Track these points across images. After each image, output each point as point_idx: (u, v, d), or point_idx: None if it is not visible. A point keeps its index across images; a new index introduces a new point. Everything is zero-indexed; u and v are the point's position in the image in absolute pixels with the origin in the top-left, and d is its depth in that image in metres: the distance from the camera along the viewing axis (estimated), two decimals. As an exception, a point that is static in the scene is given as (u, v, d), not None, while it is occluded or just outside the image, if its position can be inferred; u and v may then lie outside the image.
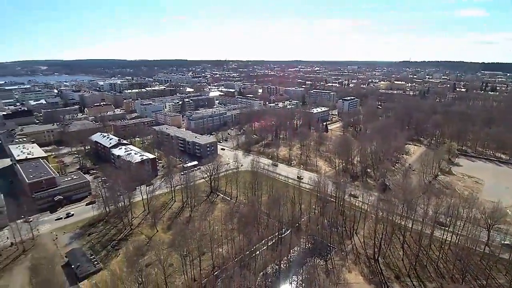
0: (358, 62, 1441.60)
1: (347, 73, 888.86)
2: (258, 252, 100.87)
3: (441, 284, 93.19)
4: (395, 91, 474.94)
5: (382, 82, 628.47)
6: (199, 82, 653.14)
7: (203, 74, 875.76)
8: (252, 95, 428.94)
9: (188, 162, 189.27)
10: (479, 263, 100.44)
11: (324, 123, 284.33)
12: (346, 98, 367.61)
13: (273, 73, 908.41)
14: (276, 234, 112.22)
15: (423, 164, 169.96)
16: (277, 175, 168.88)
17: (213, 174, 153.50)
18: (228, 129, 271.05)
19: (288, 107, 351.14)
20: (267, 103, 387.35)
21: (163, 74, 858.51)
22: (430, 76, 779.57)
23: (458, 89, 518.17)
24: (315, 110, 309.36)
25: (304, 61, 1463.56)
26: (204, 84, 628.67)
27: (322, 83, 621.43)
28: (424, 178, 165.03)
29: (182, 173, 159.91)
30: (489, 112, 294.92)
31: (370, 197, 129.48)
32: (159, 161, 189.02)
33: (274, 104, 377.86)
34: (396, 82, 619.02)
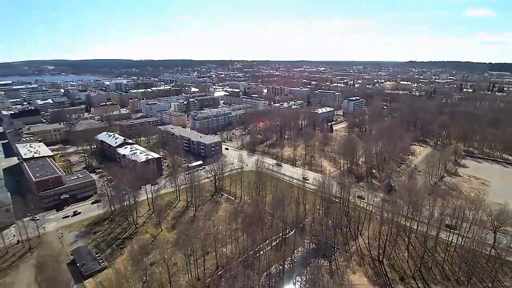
0: (363, 62, 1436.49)
1: (352, 73, 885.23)
2: (262, 252, 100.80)
3: (446, 286, 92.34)
4: (401, 92, 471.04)
5: (388, 82, 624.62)
6: (204, 82, 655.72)
7: (208, 74, 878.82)
8: (257, 95, 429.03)
9: (192, 161, 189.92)
10: (485, 265, 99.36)
11: (329, 124, 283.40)
12: (351, 98, 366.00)
13: (278, 73, 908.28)
14: (280, 235, 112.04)
15: (429, 165, 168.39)
16: (282, 175, 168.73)
17: (218, 174, 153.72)
18: (232, 129, 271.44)
19: (293, 107, 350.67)
20: (272, 103, 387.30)
21: (169, 74, 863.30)
22: (437, 77, 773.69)
23: (465, 89, 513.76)
24: (320, 111, 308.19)
25: (309, 61, 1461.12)
26: (209, 84, 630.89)
27: (327, 83, 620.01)
28: (430, 179, 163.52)
29: (187, 173, 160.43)
30: (496, 113, 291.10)
31: (375, 198, 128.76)
32: (164, 161, 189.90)
33: (279, 104, 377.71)
34: (402, 82, 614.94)
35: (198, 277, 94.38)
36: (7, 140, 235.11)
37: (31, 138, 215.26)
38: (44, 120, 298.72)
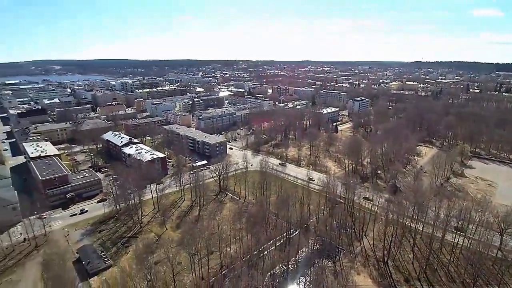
0: (365, 62, 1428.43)
1: (357, 74, 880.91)
2: (266, 252, 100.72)
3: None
4: (406, 92, 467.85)
5: (394, 82, 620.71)
6: (209, 82, 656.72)
7: (213, 74, 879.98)
8: (261, 95, 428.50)
9: (197, 161, 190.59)
10: (491, 267, 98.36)
11: (334, 124, 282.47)
12: (356, 98, 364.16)
13: (283, 73, 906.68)
14: (285, 235, 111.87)
15: (435, 166, 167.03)
16: (286, 176, 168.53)
17: (222, 173, 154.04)
18: (237, 129, 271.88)
19: (298, 107, 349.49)
20: (277, 103, 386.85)
21: (174, 74, 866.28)
22: (443, 77, 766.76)
23: (471, 90, 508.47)
24: (325, 111, 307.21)
25: (313, 61, 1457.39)
26: (214, 84, 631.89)
27: (332, 83, 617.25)
28: (435, 180, 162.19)
29: (192, 172, 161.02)
30: (503, 113, 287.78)
31: (380, 199, 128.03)
32: (169, 160, 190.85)
33: (284, 104, 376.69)
34: (408, 82, 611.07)
35: (202, 276, 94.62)
36: (15, 139, 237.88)
37: (38, 137, 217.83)
38: (50, 120, 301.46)
